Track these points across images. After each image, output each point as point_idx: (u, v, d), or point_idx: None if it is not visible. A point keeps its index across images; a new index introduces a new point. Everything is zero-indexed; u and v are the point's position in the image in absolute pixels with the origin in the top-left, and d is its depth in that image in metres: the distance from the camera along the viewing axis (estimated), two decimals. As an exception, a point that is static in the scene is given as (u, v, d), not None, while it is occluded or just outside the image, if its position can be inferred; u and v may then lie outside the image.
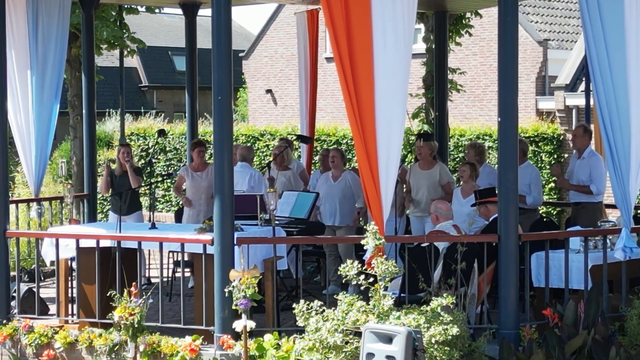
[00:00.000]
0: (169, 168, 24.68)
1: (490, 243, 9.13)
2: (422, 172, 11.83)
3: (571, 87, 21.29)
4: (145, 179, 13.75)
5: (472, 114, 25.00)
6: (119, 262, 9.60)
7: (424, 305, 8.33)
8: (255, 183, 11.64)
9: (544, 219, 11.46)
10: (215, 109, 9.14)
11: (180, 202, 12.95)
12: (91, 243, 9.85)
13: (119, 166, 12.65)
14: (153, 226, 10.27)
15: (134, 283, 8.96)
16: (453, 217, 10.15)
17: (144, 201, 21.45)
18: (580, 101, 20.55)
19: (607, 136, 9.08)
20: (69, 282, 10.31)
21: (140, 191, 12.85)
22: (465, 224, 10.51)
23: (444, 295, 8.28)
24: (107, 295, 9.24)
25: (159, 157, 25.07)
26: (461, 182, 11.65)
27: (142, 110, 35.65)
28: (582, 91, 20.59)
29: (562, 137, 21.20)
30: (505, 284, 8.97)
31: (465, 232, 9.94)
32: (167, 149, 25.13)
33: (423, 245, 9.21)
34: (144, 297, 8.92)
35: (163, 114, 34.37)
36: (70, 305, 10.26)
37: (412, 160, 12.86)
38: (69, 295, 10.28)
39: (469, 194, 11.17)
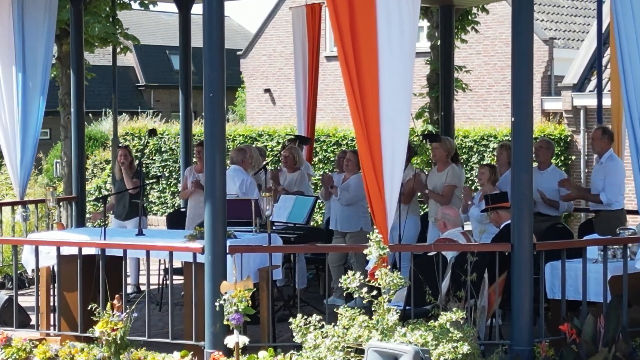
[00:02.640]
0: (165, 169, 24.16)
1: (501, 252, 8.51)
2: (436, 174, 11.19)
3: (579, 87, 20.67)
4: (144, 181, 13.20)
5: (475, 115, 24.44)
6: (103, 271, 8.96)
7: (432, 320, 7.71)
8: (247, 189, 10.99)
9: (557, 225, 10.79)
10: (206, 107, 8.54)
11: (175, 205, 12.35)
12: (73, 251, 9.21)
13: (118, 170, 12.08)
14: (140, 232, 9.64)
15: (117, 296, 8.33)
16: (462, 223, 9.53)
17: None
18: (588, 101, 20.01)
19: (635, 135, 8.50)
20: (52, 291, 9.68)
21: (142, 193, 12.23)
22: (477, 230, 9.94)
23: (454, 309, 7.64)
24: (90, 307, 8.61)
25: (154, 157, 24.54)
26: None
27: (139, 110, 35.26)
28: (590, 91, 20.07)
29: (569, 138, 20.65)
30: (518, 296, 8.34)
31: (475, 240, 9.31)
32: (163, 149, 24.59)
33: (430, 254, 8.58)
34: (128, 310, 8.29)
35: (160, 114, 34.01)
36: (53, 317, 9.63)
37: (418, 162, 12.26)
38: (52, 305, 9.65)
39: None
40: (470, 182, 19.24)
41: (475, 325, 8.18)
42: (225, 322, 7.86)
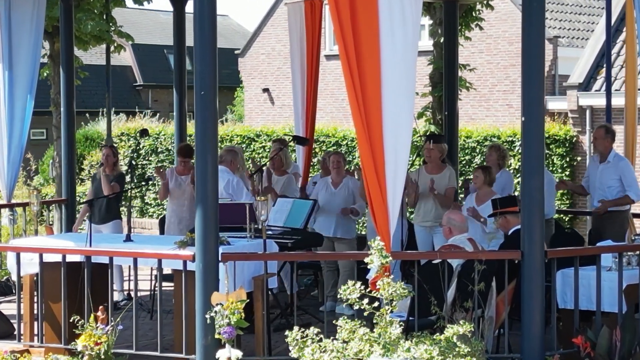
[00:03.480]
0: (161, 170, 23.66)
1: (510, 259, 8.02)
2: (429, 176, 10.74)
3: (584, 86, 20.20)
4: (134, 182, 12.75)
5: (478, 115, 23.97)
6: (88, 279, 8.47)
7: (437, 334, 7.22)
8: (234, 190, 10.49)
9: (566, 230, 10.32)
10: (197, 106, 8.08)
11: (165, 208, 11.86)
12: (58, 257, 8.72)
13: (102, 169, 11.59)
14: (128, 238, 9.14)
15: (101, 307, 7.83)
16: (468, 229, 9.04)
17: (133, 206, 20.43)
18: (594, 101, 19.56)
19: None
20: (37, 300, 9.20)
21: (121, 197, 11.74)
22: (477, 234, 9.46)
23: (461, 322, 7.15)
24: (72, 319, 8.12)
25: (150, 158, 24.06)
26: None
27: (137, 110, 34.88)
28: (596, 90, 19.60)
29: (575, 138, 20.17)
30: (528, 307, 7.85)
31: (482, 247, 8.82)
32: (159, 149, 24.11)
33: (435, 262, 8.09)
34: (113, 323, 7.79)
35: (158, 114, 33.56)
36: (37, 326, 9.14)
37: (421, 163, 11.80)
38: (37, 314, 9.16)
39: (484, 201, 10.08)
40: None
41: (483, 337, 7.71)
42: (216, 336, 7.38)
